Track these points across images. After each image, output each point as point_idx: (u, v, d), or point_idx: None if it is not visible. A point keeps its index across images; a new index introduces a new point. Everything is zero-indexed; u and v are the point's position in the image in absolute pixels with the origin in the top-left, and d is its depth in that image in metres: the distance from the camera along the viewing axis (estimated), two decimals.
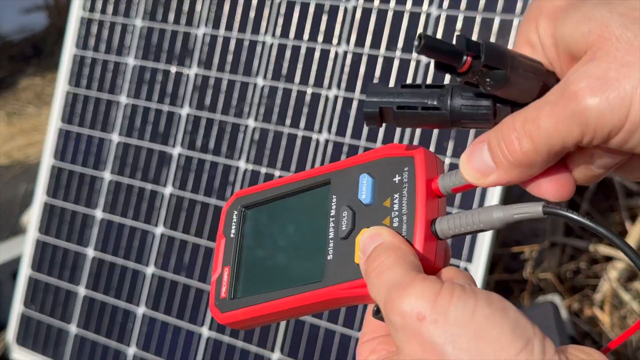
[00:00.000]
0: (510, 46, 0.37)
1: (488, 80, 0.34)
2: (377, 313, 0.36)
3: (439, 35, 1.12)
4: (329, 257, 0.39)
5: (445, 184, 0.37)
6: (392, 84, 1.15)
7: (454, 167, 1.11)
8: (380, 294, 0.34)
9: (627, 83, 0.31)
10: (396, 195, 0.37)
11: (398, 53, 1.15)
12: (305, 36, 1.22)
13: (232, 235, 0.43)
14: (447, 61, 0.33)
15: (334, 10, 1.20)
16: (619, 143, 0.32)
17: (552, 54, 0.36)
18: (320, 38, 1.21)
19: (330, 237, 0.39)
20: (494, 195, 1.07)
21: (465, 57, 0.33)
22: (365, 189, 0.39)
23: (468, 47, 0.33)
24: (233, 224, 0.44)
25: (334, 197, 0.40)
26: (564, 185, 0.35)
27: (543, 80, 0.35)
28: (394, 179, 0.38)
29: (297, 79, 1.22)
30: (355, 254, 0.38)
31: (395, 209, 0.37)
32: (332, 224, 0.39)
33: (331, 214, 0.40)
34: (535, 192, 0.36)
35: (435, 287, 0.32)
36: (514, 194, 1.50)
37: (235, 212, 0.44)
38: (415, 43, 0.33)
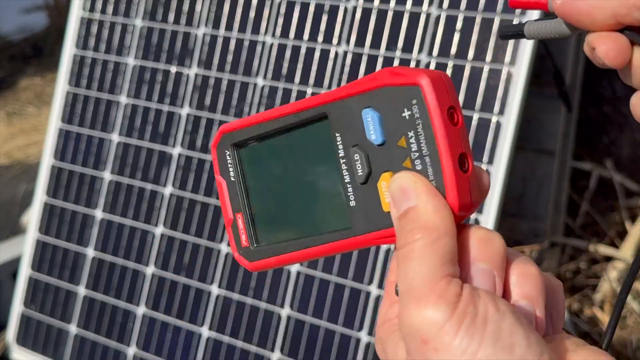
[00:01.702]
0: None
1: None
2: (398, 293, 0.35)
3: (438, 36, 1.12)
4: (352, 203, 0.36)
5: (533, 28, 0.40)
6: None
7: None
8: (401, 283, 0.33)
9: None
10: (411, 134, 0.34)
11: (398, 53, 1.15)
12: (305, 36, 1.22)
13: (232, 178, 0.41)
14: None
15: (334, 10, 1.20)
16: None
17: None
18: (320, 38, 1.21)
19: (346, 180, 0.37)
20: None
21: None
22: (372, 127, 0.35)
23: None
24: (229, 165, 0.41)
25: (337, 135, 0.37)
26: None
27: None
28: (403, 114, 0.34)
29: (297, 79, 1.22)
30: (382, 201, 0.35)
31: (413, 149, 0.34)
32: (344, 167, 0.37)
33: (340, 155, 0.37)
34: None
35: (447, 311, 0.31)
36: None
37: (228, 152, 0.41)
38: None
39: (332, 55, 1.20)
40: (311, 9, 1.22)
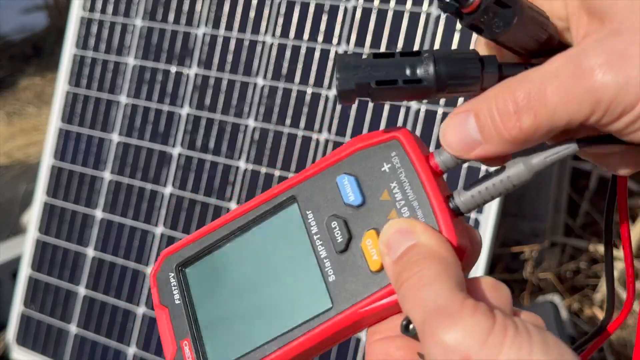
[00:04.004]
0: None
1: (496, 20, 0.31)
2: (407, 330, 0.31)
3: (439, 36, 1.12)
4: (331, 278, 0.33)
5: (444, 159, 0.33)
6: None
7: None
8: (417, 313, 0.29)
9: None
10: (393, 184, 0.33)
11: None
12: (305, 36, 1.22)
13: (177, 302, 0.36)
14: None
15: (334, 10, 1.20)
16: (625, 124, 0.30)
17: (575, 5, 0.32)
18: (320, 38, 1.21)
19: (323, 256, 0.34)
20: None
21: None
22: (350, 190, 0.34)
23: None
24: (173, 288, 0.37)
25: (308, 213, 0.35)
26: None
27: (549, 32, 0.33)
28: (382, 169, 0.34)
29: (297, 79, 1.22)
30: (368, 261, 0.33)
31: (398, 198, 0.33)
32: (319, 242, 0.34)
33: (313, 232, 0.34)
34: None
35: (488, 322, 0.28)
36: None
37: (172, 274, 0.37)
38: None
39: (332, 55, 1.20)
40: (311, 9, 1.22)
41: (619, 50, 0.29)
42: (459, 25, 1.11)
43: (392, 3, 1.16)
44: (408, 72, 0.32)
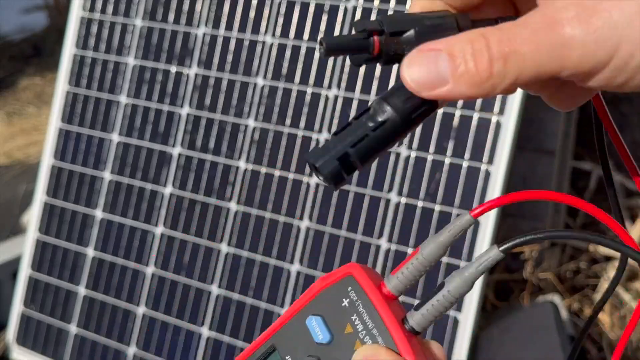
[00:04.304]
0: None
1: (404, 47, 0.33)
2: None
3: None
4: None
5: (394, 284, 0.36)
6: (391, 82, 1.15)
7: (454, 166, 1.11)
8: None
9: (619, 15, 0.28)
10: (354, 317, 0.36)
11: None
12: (305, 36, 1.22)
13: None
14: (358, 52, 0.32)
15: (334, 10, 1.20)
16: (599, 82, 0.29)
17: None
18: (320, 38, 1.21)
19: None
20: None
21: (371, 39, 0.32)
22: (318, 329, 0.37)
23: (368, 28, 0.32)
24: None
25: (287, 358, 0.38)
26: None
27: (457, 28, 0.34)
28: (342, 305, 0.37)
29: (297, 78, 1.22)
30: None
31: (360, 329, 0.36)
32: None
33: None
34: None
35: None
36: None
37: None
38: (319, 49, 0.32)
39: None
40: (311, 9, 1.22)
41: (589, 5, 0.28)
42: None
43: (392, 3, 1.16)
44: (371, 124, 0.33)
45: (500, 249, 0.33)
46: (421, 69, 0.31)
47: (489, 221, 1.07)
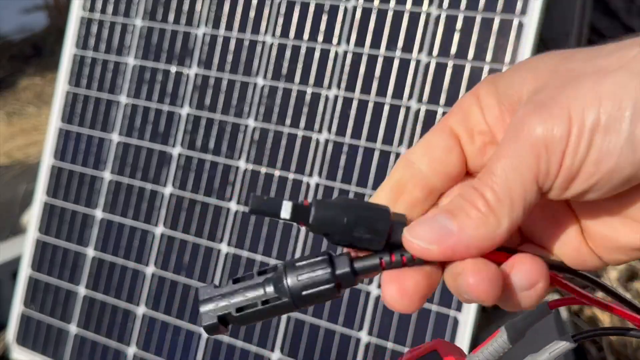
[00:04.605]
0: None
1: (328, 236, 0.32)
2: None
3: (438, 36, 1.12)
4: None
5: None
6: (391, 82, 1.15)
7: None
8: None
9: (564, 97, 0.30)
10: None
11: (398, 53, 1.15)
12: (305, 36, 1.22)
13: None
14: (276, 218, 0.32)
15: (334, 10, 1.20)
16: (570, 164, 0.30)
17: (495, 114, 0.34)
18: (320, 38, 1.21)
19: None
20: None
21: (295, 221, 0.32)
22: None
23: (295, 213, 0.32)
24: None
25: None
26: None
27: (391, 219, 0.32)
28: None
29: (297, 78, 1.22)
30: None
31: None
32: None
33: None
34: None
35: None
36: None
37: None
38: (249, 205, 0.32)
39: (332, 55, 1.20)
40: (311, 8, 1.22)
41: (541, 99, 0.31)
42: (459, 25, 1.11)
43: (392, 3, 1.16)
44: (266, 290, 0.33)
45: (575, 338, 0.36)
46: (424, 229, 0.31)
47: None
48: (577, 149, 0.30)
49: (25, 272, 1.43)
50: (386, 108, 1.15)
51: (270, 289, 0.32)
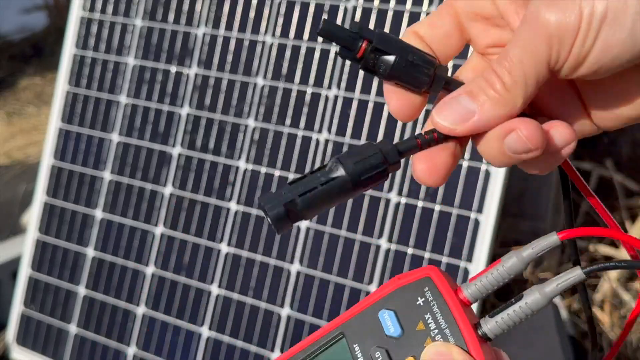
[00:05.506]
0: None
1: (380, 64, 0.37)
2: None
3: None
4: None
5: (471, 291, 0.38)
6: None
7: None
8: None
9: None
10: (427, 315, 0.38)
11: None
12: (305, 36, 1.22)
13: None
14: (344, 44, 0.36)
15: (334, 10, 1.20)
16: (578, 53, 0.33)
17: (505, 3, 0.38)
18: (320, 38, 1.21)
19: None
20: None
21: (360, 42, 0.36)
22: (389, 323, 0.38)
23: (362, 32, 0.36)
24: None
25: (355, 346, 0.39)
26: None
27: (435, 70, 0.38)
28: (417, 303, 0.38)
29: (297, 78, 1.22)
30: None
31: (432, 327, 0.37)
32: None
33: None
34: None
35: None
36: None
37: None
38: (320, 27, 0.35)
39: (332, 55, 1.20)
40: (311, 9, 1.22)
41: None
42: None
43: (392, 3, 1.16)
44: (323, 178, 0.36)
45: (584, 270, 0.36)
46: (449, 111, 0.36)
47: (489, 221, 1.07)
48: (585, 39, 0.33)
49: (25, 272, 1.43)
50: (385, 108, 1.15)
51: (326, 175, 0.36)
